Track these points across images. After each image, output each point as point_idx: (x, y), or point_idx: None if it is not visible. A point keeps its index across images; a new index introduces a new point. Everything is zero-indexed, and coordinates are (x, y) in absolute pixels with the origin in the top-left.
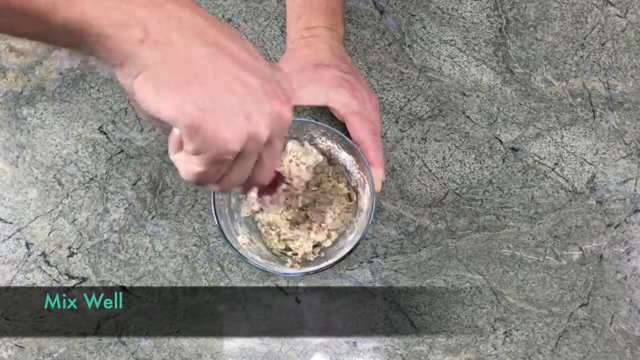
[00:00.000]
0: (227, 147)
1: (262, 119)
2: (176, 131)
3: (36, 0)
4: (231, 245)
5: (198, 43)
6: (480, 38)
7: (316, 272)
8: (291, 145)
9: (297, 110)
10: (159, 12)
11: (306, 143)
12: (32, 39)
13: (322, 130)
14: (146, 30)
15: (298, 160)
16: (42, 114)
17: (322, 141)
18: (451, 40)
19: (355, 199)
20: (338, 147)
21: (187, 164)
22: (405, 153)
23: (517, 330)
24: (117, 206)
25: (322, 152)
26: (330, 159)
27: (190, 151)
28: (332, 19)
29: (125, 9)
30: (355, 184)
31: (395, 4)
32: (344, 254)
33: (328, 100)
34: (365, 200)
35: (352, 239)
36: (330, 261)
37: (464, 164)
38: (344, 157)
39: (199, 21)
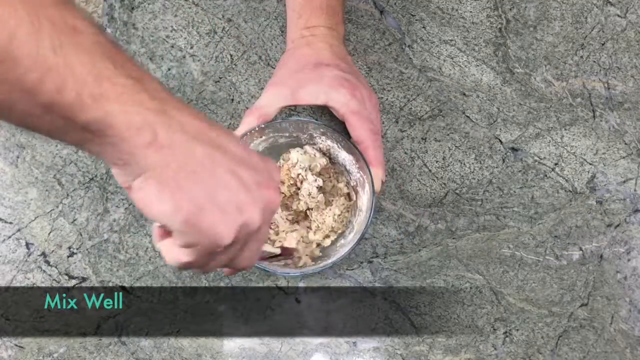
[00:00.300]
0: (221, 241)
1: (254, 208)
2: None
3: (67, 97)
4: None
5: (197, 144)
6: (480, 38)
7: (316, 271)
8: (296, 155)
9: (297, 109)
10: (166, 118)
11: (307, 148)
12: (39, 131)
13: (321, 130)
14: (155, 134)
15: (306, 173)
16: None
17: (322, 140)
18: (451, 40)
19: (354, 198)
20: (338, 146)
21: (174, 252)
22: (405, 153)
23: (517, 330)
24: (117, 206)
25: (322, 152)
26: (330, 159)
27: (181, 244)
28: (332, 18)
29: (143, 113)
30: (354, 183)
31: (395, 4)
32: (343, 253)
33: (328, 100)
34: (364, 199)
35: (351, 238)
36: (330, 261)
37: (464, 164)
38: (344, 156)
39: (197, 124)
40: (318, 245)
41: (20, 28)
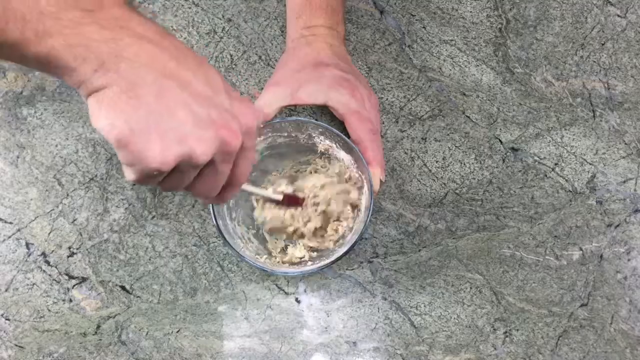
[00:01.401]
0: (150, 165)
1: (199, 143)
2: None
3: (11, 35)
4: (230, 246)
5: (147, 71)
6: (480, 38)
7: (315, 271)
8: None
9: (297, 109)
10: (115, 46)
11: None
12: (6, 60)
13: (320, 130)
14: (101, 62)
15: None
16: (42, 114)
17: (321, 140)
18: (451, 40)
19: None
20: (336, 146)
21: (125, 169)
22: (405, 153)
23: (517, 330)
24: (117, 206)
25: (321, 151)
26: (329, 159)
27: (121, 161)
28: (332, 18)
29: (87, 45)
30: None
31: (395, 4)
32: (342, 253)
33: (328, 100)
34: (363, 200)
35: (350, 238)
36: (329, 261)
37: (464, 164)
38: (343, 156)
39: (153, 52)
40: (312, 248)
41: None
